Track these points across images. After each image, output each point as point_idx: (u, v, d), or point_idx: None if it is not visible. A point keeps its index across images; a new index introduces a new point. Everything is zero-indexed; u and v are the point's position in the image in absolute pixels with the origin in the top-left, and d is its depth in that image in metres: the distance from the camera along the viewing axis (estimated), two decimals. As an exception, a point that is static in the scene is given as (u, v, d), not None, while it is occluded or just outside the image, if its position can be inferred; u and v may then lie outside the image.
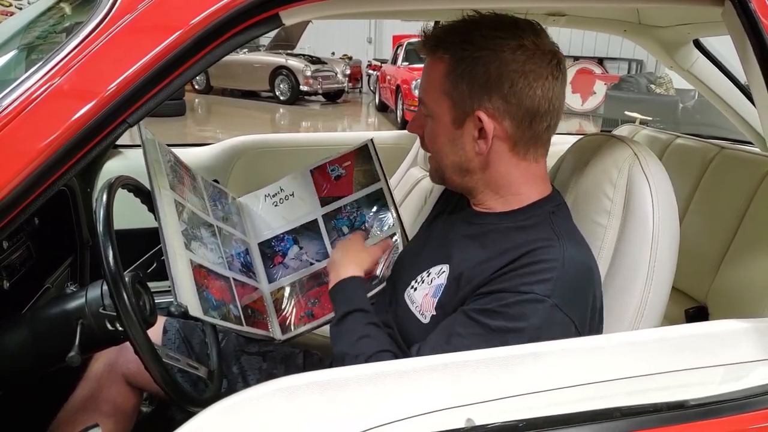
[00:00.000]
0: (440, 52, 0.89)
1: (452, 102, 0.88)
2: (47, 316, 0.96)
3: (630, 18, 1.71)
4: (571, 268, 0.82)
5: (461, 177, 0.93)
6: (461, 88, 0.87)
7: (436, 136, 0.92)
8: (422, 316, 0.92)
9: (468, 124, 0.88)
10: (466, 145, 0.89)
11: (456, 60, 0.87)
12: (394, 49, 11.67)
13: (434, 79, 0.90)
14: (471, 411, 0.67)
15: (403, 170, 2.20)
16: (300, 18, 0.75)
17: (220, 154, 2.22)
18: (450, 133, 0.90)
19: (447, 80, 0.88)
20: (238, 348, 1.25)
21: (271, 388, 0.66)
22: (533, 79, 0.85)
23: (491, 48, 0.85)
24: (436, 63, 0.90)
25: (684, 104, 8.18)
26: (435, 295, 0.91)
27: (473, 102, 0.86)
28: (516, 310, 0.80)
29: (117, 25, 0.69)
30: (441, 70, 0.88)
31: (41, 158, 0.66)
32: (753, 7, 0.78)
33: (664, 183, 0.89)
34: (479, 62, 0.85)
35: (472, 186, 0.94)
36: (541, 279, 0.80)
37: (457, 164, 0.92)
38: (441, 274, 0.93)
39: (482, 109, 0.86)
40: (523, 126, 0.87)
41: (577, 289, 0.82)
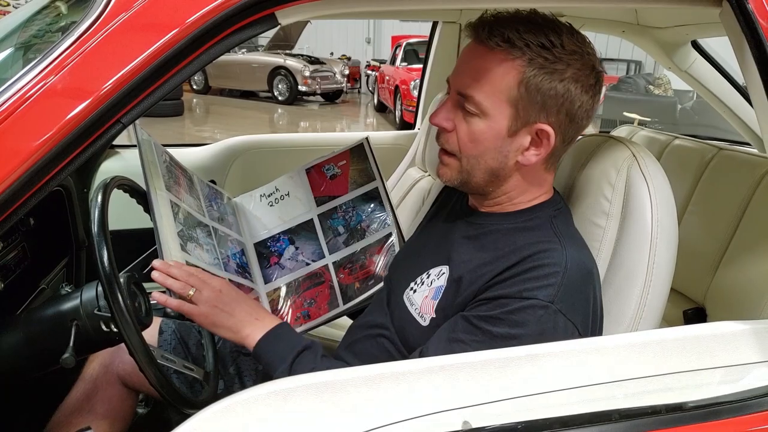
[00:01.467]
0: (514, 51, 0.80)
1: (516, 111, 0.82)
2: (42, 318, 0.96)
3: (628, 19, 1.71)
4: (574, 273, 0.81)
5: (488, 182, 0.89)
6: (534, 99, 0.81)
7: (482, 139, 0.85)
8: (422, 319, 0.91)
9: (522, 133, 0.83)
10: (510, 152, 0.85)
11: (534, 67, 0.80)
12: (393, 50, 11.68)
13: (500, 82, 0.81)
14: (468, 413, 0.67)
15: (401, 170, 2.20)
16: (296, 18, 0.75)
17: (218, 155, 2.22)
18: (500, 139, 0.84)
19: (518, 88, 0.81)
20: (235, 349, 1.25)
21: (266, 390, 0.65)
22: (596, 101, 0.85)
23: (568, 62, 0.80)
24: (505, 62, 0.81)
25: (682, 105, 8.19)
26: (435, 297, 0.90)
27: (540, 114, 0.82)
28: (519, 316, 0.79)
29: (112, 24, 0.69)
30: (513, 75, 0.80)
31: (35, 157, 0.66)
32: (751, 8, 0.77)
33: (663, 184, 0.89)
34: (557, 76, 0.80)
35: (491, 189, 0.90)
36: (543, 284, 0.79)
37: (492, 170, 0.87)
38: (441, 275, 0.91)
39: (547, 123, 0.83)
40: (566, 143, 0.87)
41: (579, 294, 0.82)
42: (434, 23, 2.28)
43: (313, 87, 11.60)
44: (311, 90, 11.68)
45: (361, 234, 1.25)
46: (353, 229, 1.25)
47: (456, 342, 0.82)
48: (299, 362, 0.89)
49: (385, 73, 11.11)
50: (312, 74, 11.47)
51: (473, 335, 0.81)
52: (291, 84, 11.56)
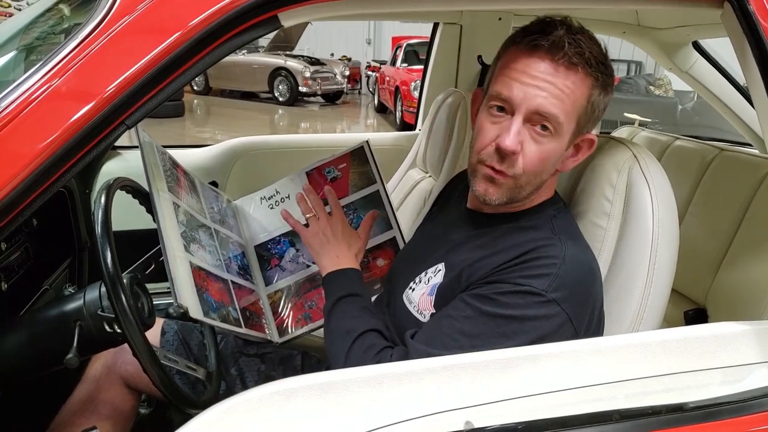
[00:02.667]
0: (587, 69, 0.81)
1: (578, 124, 0.85)
2: (45, 318, 0.96)
3: (629, 20, 1.71)
4: (572, 266, 0.81)
5: (530, 193, 0.89)
6: (593, 115, 0.85)
7: (549, 156, 0.84)
8: (421, 315, 0.92)
9: (572, 144, 0.87)
10: (557, 163, 0.87)
11: (599, 85, 0.83)
12: (393, 51, 11.68)
13: (578, 100, 0.82)
14: (470, 413, 0.67)
15: (402, 172, 2.20)
16: (299, 19, 0.75)
17: (219, 156, 2.22)
18: (561, 153, 0.86)
19: (587, 102, 0.83)
20: (237, 350, 1.25)
21: (268, 391, 0.66)
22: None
23: (613, 77, 0.86)
24: (584, 81, 0.82)
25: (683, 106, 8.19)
26: (432, 293, 0.91)
27: (590, 126, 0.87)
28: (509, 299, 0.80)
29: (116, 27, 0.69)
30: (586, 93, 0.83)
31: (40, 159, 0.66)
32: (752, 9, 0.78)
33: (664, 185, 0.89)
34: (609, 90, 0.85)
35: (523, 197, 0.89)
36: (539, 274, 0.80)
37: (541, 182, 0.88)
38: (438, 272, 0.92)
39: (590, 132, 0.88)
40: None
41: (576, 287, 0.82)
42: (435, 24, 2.28)
43: (313, 88, 11.61)
44: (312, 91, 11.68)
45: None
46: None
47: (445, 317, 0.83)
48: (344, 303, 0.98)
49: (385, 74, 11.11)
50: (312, 75, 11.47)
51: (461, 311, 0.82)
52: (291, 85, 11.56)
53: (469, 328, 0.80)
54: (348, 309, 0.96)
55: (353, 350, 0.88)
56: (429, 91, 2.41)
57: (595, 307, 0.86)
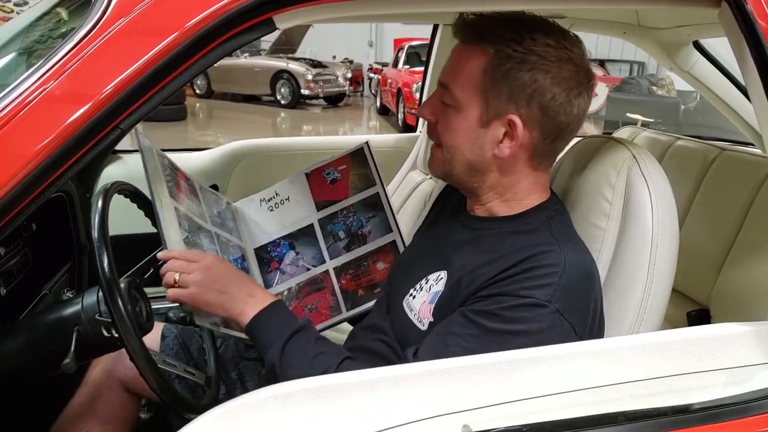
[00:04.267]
0: (484, 44, 0.84)
1: (485, 100, 0.85)
2: (44, 323, 0.96)
3: (629, 20, 1.71)
4: (573, 273, 0.81)
5: (469, 176, 0.90)
6: (500, 89, 0.83)
7: (457, 129, 0.88)
8: (420, 324, 0.91)
9: (495, 125, 0.85)
10: (485, 145, 0.86)
11: (501, 57, 0.83)
12: (395, 53, 11.69)
13: (470, 72, 0.85)
14: (468, 417, 0.67)
15: (402, 174, 2.20)
16: (293, 22, 0.75)
17: (220, 159, 2.22)
18: (473, 130, 0.86)
19: (485, 77, 0.84)
20: (237, 354, 1.25)
21: (265, 395, 0.65)
22: (574, 96, 0.84)
23: (540, 54, 0.82)
24: (475, 54, 0.85)
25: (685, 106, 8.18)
26: (432, 301, 0.90)
27: (509, 105, 0.84)
28: (514, 313, 0.79)
29: (111, 29, 0.69)
30: (480, 65, 0.84)
31: (35, 163, 0.66)
32: (749, 8, 0.77)
33: (663, 185, 0.89)
34: (526, 66, 0.82)
35: (477, 186, 0.91)
36: (542, 284, 0.79)
37: (470, 163, 0.89)
38: (439, 280, 0.91)
39: (516, 114, 0.84)
40: (548, 139, 0.87)
41: (578, 294, 0.81)
42: (435, 26, 2.27)
43: (315, 90, 11.63)
44: (314, 93, 11.70)
45: (362, 240, 1.24)
46: (354, 234, 1.25)
47: (450, 335, 0.82)
48: (293, 343, 0.87)
49: (387, 76, 11.12)
50: (314, 78, 11.50)
51: (467, 329, 0.81)
52: (294, 88, 11.59)
53: (476, 347, 0.78)
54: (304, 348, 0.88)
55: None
56: (430, 92, 2.40)
57: (596, 311, 0.85)
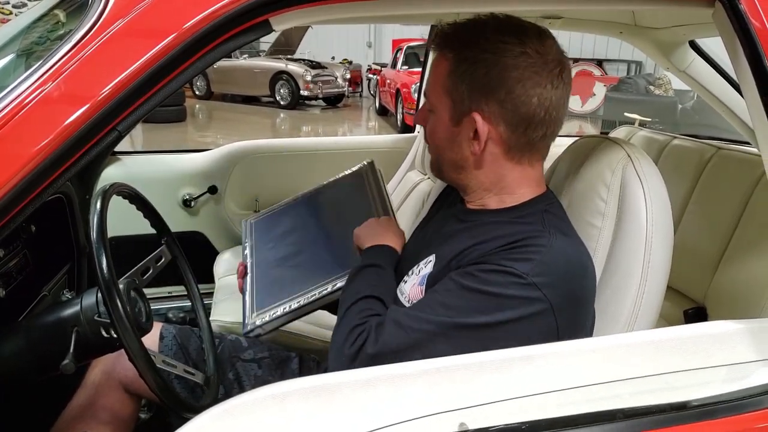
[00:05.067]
0: (446, 49, 0.91)
1: (452, 101, 0.90)
2: (43, 324, 0.97)
3: (625, 20, 1.71)
4: (557, 256, 0.82)
5: (457, 173, 0.95)
6: (461, 89, 0.88)
7: (436, 131, 0.95)
8: (409, 304, 0.93)
9: (465, 123, 0.89)
10: (462, 143, 0.91)
11: (459, 60, 0.89)
12: (394, 53, 11.68)
13: (437, 76, 0.92)
14: (465, 415, 0.67)
15: (401, 174, 2.21)
16: (290, 24, 0.75)
17: (219, 160, 2.23)
18: (448, 130, 0.92)
19: (448, 79, 0.90)
20: (233, 354, 1.25)
21: (263, 394, 0.66)
22: (530, 87, 0.85)
23: (493, 51, 0.86)
24: (441, 60, 0.92)
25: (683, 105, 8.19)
26: (422, 283, 0.93)
27: (471, 103, 0.88)
28: (490, 276, 0.81)
29: (108, 31, 0.69)
30: (445, 68, 0.90)
31: (32, 164, 0.66)
32: (743, 8, 0.78)
33: (658, 184, 0.89)
34: (480, 65, 0.86)
35: (466, 183, 0.96)
36: (523, 258, 0.81)
37: (453, 160, 0.94)
38: (428, 263, 0.94)
39: (478, 111, 0.87)
40: (517, 132, 0.88)
41: (560, 276, 0.82)
42: (433, 26, 2.28)
43: (314, 91, 11.62)
44: (313, 94, 11.69)
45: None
46: None
47: (430, 292, 0.87)
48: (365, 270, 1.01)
49: (386, 77, 11.12)
50: (314, 79, 11.49)
51: (445, 285, 0.85)
52: (293, 89, 11.58)
53: (447, 300, 0.83)
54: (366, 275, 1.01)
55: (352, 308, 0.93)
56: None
57: (584, 306, 0.85)
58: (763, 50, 0.78)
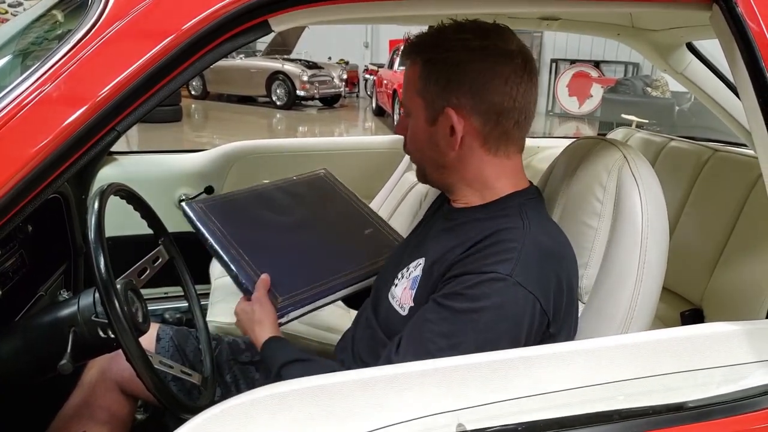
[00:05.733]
0: (414, 56, 0.96)
1: (425, 101, 0.94)
2: (39, 324, 0.96)
3: (623, 21, 1.71)
4: (533, 248, 0.84)
5: (439, 173, 0.98)
6: (431, 88, 0.92)
7: (415, 134, 0.98)
8: (402, 309, 0.95)
9: (441, 121, 0.92)
10: (440, 141, 0.93)
11: (425, 62, 0.93)
12: (391, 54, 11.69)
13: (409, 81, 0.96)
14: (462, 416, 0.67)
15: (398, 175, 2.21)
16: (289, 25, 0.75)
17: (216, 160, 2.22)
18: (426, 131, 0.95)
19: (419, 81, 0.94)
20: (231, 357, 1.25)
21: (261, 395, 0.66)
22: (491, 77, 0.89)
23: (454, 49, 0.90)
24: (411, 66, 0.96)
25: (680, 107, 8.21)
26: (412, 287, 0.95)
27: (442, 100, 0.91)
28: (477, 290, 0.82)
29: (107, 32, 0.69)
30: (415, 73, 0.95)
31: (31, 165, 0.66)
32: (740, 11, 0.78)
33: (653, 185, 0.90)
34: (445, 63, 0.91)
35: (450, 182, 0.98)
36: (502, 259, 0.83)
37: (434, 160, 0.96)
38: (417, 266, 0.97)
39: (450, 106, 0.90)
40: (490, 122, 0.91)
41: (539, 269, 0.84)
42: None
43: (311, 92, 11.60)
44: (309, 95, 11.67)
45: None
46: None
47: (425, 323, 0.86)
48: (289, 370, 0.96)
49: (383, 77, 11.11)
50: (310, 79, 11.47)
51: (438, 313, 0.85)
52: (289, 89, 11.56)
53: (447, 329, 0.83)
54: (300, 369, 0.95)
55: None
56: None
57: (562, 291, 0.87)
58: (760, 53, 0.78)
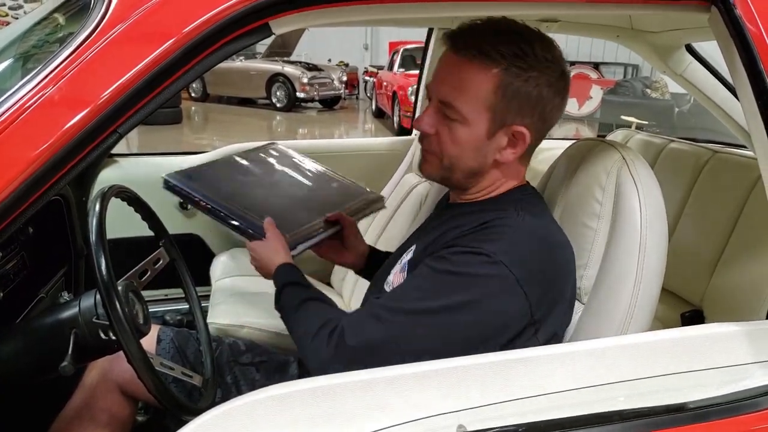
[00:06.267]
0: (488, 61, 0.86)
1: (493, 116, 0.88)
2: (41, 326, 0.96)
3: (622, 23, 1.72)
4: (524, 234, 0.86)
5: (467, 179, 0.95)
6: (510, 105, 0.87)
7: (462, 141, 0.90)
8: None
9: (499, 134, 0.90)
10: (488, 152, 0.91)
11: (510, 76, 0.86)
12: (391, 56, 11.71)
13: (477, 90, 0.87)
14: (463, 417, 0.67)
15: (398, 176, 2.21)
16: (289, 27, 0.76)
17: (216, 162, 2.22)
18: (479, 141, 0.90)
19: (495, 95, 0.86)
20: (232, 358, 1.25)
21: (262, 396, 0.66)
22: (559, 104, 0.92)
23: (542, 70, 0.87)
24: (481, 72, 0.86)
25: (679, 108, 8.23)
26: (403, 270, 0.97)
27: (515, 117, 0.89)
28: (459, 257, 0.84)
29: (109, 35, 0.70)
30: (489, 84, 0.86)
31: (33, 167, 0.66)
32: (738, 12, 0.79)
33: (652, 186, 0.90)
34: (531, 82, 0.87)
35: (470, 184, 0.96)
36: (491, 239, 0.84)
37: (472, 169, 0.93)
38: (409, 252, 0.98)
39: (523, 125, 0.89)
40: (539, 141, 0.94)
41: (527, 252, 0.85)
42: (429, 30, 2.29)
43: (311, 93, 11.61)
44: (309, 96, 11.69)
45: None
46: None
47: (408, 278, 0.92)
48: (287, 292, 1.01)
49: (382, 79, 11.13)
50: (310, 81, 11.49)
51: (419, 271, 0.88)
52: (289, 91, 11.57)
53: (420, 284, 0.86)
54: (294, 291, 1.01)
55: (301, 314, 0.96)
56: (425, 96, 2.42)
57: (556, 280, 0.88)
58: (758, 54, 0.79)
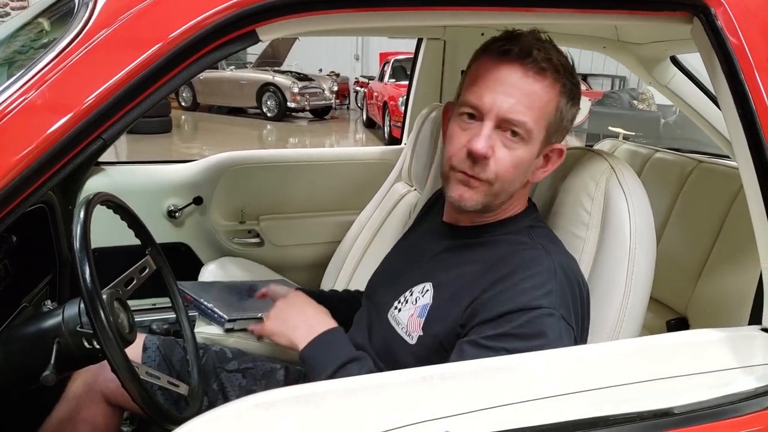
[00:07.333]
0: (555, 75, 0.82)
1: (547, 134, 0.84)
2: (23, 335, 0.95)
3: (609, 35, 1.74)
4: (562, 276, 0.83)
5: (504, 203, 0.89)
6: (561, 123, 0.85)
7: (522, 163, 0.83)
8: (409, 337, 0.90)
9: (541, 153, 0.87)
10: (527, 172, 0.87)
11: (566, 94, 0.84)
12: (381, 66, 11.75)
13: (546, 107, 0.82)
14: (449, 423, 0.67)
15: (387, 186, 2.21)
16: (276, 34, 0.76)
17: (205, 171, 2.21)
18: (531, 161, 0.85)
19: (555, 109, 0.83)
20: (218, 365, 1.24)
21: (248, 403, 0.65)
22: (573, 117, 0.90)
23: (578, 86, 0.87)
24: (551, 88, 0.82)
25: (665, 119, 8.33)
26: (421, 315, 0.89)
27: (556, 135, 0.86)
28: (532, 328, 0.78)
29: (93, 39, 0.69)
30: (555, 101, 0.82)
31: (14, 173, 0.65)
32: (720, 24, 0.80)
33: (640, 195, 0.91)
34: (575, 102, 0.85)
35: (498, 205, 0.89)
36: (543, 292, 0.79)
37: (512, 190, 0.87)
38: (425, 293, 0.91)
39: (559, 143, 0.88)
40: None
41: (570, 296, 0.83)
42: (419, 40, 2.30)
43: (301, 103, 11.62)
44: (300, 106, 11.70)
45: None
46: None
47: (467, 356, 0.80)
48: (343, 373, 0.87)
49: (373, 90, 11.17)
50: (301, 91, 11.50)
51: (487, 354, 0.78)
52: (280, 100, 11.58)
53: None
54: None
55: None
56: (414, 106, 2.43)
57: (584, 313, 0.87)
58: (739, 64, 0.80)
